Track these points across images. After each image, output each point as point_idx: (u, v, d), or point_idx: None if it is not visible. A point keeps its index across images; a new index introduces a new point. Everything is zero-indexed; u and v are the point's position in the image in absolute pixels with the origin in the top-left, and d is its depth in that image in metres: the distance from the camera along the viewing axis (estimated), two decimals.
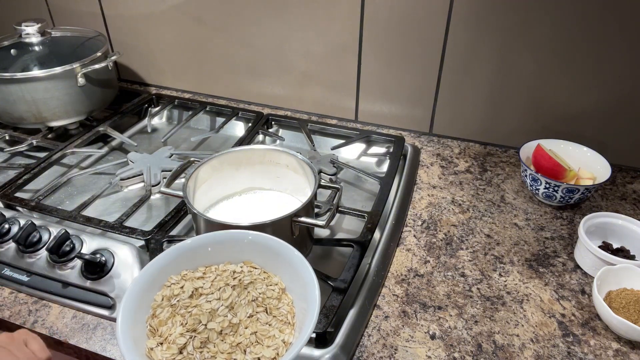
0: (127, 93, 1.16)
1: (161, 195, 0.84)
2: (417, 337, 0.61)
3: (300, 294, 0.47)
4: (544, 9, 0.82)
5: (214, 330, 0.42)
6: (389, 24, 0.92)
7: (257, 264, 0.49)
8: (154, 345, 0.42)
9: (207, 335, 0.42)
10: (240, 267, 0.49)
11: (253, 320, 0.44)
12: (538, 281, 0.69)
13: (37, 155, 0.93)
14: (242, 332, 0.43)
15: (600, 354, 0.60)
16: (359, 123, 1.07)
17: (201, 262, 0.48)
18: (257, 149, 0.72)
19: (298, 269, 0.47)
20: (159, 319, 0.43)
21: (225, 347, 0.42)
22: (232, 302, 0.45)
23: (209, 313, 0.44)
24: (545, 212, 0.82)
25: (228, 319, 0.43)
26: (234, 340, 0.42)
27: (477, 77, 0.93)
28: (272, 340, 0.43)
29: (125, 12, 1.11)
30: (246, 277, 0.47)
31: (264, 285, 0.47)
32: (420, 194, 0.86)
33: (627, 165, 0.93)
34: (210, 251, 0.49)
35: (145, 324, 0.44)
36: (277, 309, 0.46)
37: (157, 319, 0.44)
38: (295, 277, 0.47)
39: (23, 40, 0.98)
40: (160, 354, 0.41)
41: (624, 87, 0.85)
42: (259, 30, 1.03)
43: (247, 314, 0.44)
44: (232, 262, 0.49)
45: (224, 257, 0.49)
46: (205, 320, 0.43)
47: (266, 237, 0.50)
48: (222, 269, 0.48)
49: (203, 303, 0.44)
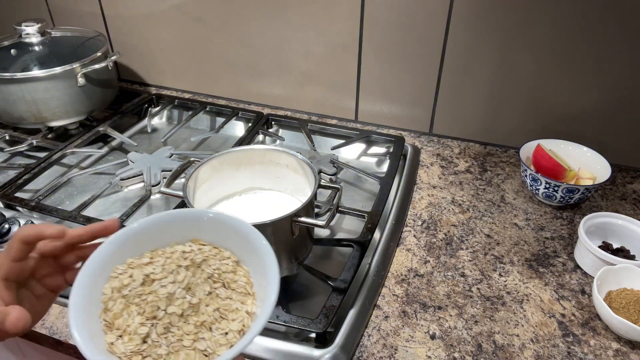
0: (127, 93, 1.16)
1: (161, 195, 0.84)
2: (417, 337, 0.61)
3: (255, 263, 0.46)
4: (544, 9, 0.82)
5: (175, 313, 0.41)
6: (389, 24, 0.92)
7: (205, 240, 0.48)
8: (113, 340, 0.40)
9: (168, 320, 0.41)
10: (189, 246, 0.47)
11: (213, 297, 0.44)
12: (538, 281, 0.69)
13: (37, 155, 0.93)
14: (204, 310, 0.42)
15: (600, 354, 0.60)
16: (359, 123, 1.07)
17: (146, 248, 0.46)
18: (257, 149, 0.72)
19: (249, 239, 0.46)
20: (113, 312, 0.42)
21: (190, 328, 0.41)
22: (188, 282, 0.43)
23: (166, 298, 0.42)
24: (545, 212, 0.82)
25: (187, 300, 0.42)
26: (197, 320, 0.42)
27: (477, 77, 0.93)
28: (235, 313, 0.43)
29: (125, 12, 1.11)
30: (197, 255, 0.46)
31: (217, 260, 0.46)
32: (420, 194, 0.86)
33: (627, 165, 0.93)
34: (154, 235, 0.47)
35: (99, 319, 0.42)
36: (235, 282, 0.45)
37: (110, 312, 0.42)
38: (247, 248, 0.46)
39: (23, 40, 0.98)
40: (123, 346, 0.40)
41: (624, 87, 0.85)
42: (259, 30, 1.03)
43: (206, 292, 0.43)
44: (179, 243, 0.48)
45: (169, 238, 0.47)
46: (163, 306, 0.42)
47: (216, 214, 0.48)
48: (170, 252, 0.46)
49: (158, 288, 0.43)
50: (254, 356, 0.59)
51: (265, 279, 0.43)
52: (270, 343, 0.60)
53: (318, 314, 0.59)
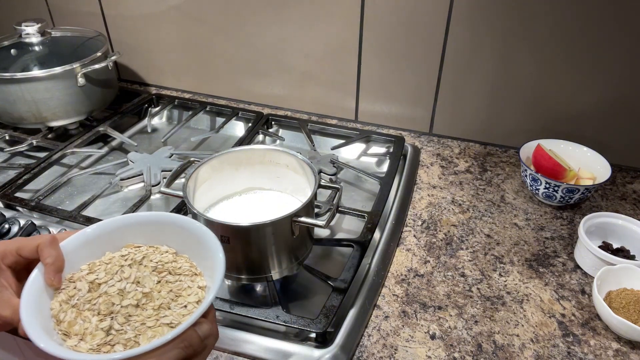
0: (127, 93, 1.16)
1: (161, 195, 0.84)
2: (417, 337, 0.61)
3: (194, 249, 0.47)
4: (544, 9, 0.82)
5: (131, 305, 0.42)
6: (389, 24, 0.92)
7: (139, 243, 0.49)
8: (75, 343, 0.40)
9: (126, 311, 0.42)
10: (125, 250, 0.48)
11: (163, 283, 0.45)
12: (538, 281, 0.69)
13: (37, 155, 0.93)
14: (157, 296, 0.43)
15: (600, 354, 0.60)
16: (359, 123, 1.07)
17: (81, 262, 0.46)
18: (257, 149, 0.72)
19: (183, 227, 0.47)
20: (67, 321, 0.41)
21: (150, 312, 0.42)
22: (135, 277, 0.44)
23: (117, 294, 0.43)
24: (545, 212, 0.82)
25: (140, 291, 0.43)
26: (154, 304, 0.42)
27: (477, 77, 0.93)
28: (189, 290, 0.44)
29: (125, 12, 1.11)
30: (136, 255, 0.47)
31: (157, 255, 0.47)
32: (420, 194, 0.86)
33: (627, 165, 0.93)
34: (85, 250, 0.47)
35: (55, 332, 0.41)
36: (179, 268, 0.46)
37: (64, 322, 0.41)
38: (182, 236, 0.48)
39: (23, 40, 0.98)
40: (87, 345, 0.40)
41: (624, 87, 0.85)
42: (259, 30, 1.03)
43: (154, 281, 0.44)
44: (112, 251, 0.48)
45: (100, 250, 0.48)
46: (118, 301, 0.42)
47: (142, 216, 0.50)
48: (107, 259, 0.47)
49: (107, 289, 0.43)
50: (254, 356, 0.59)
51: (208, 259, 0.45)
52: (270, 343, 0.60)
53: (318, 314, 0.59)
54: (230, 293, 0.69)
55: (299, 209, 0.60)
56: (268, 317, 0.59)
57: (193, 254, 0.48)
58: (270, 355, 0.59)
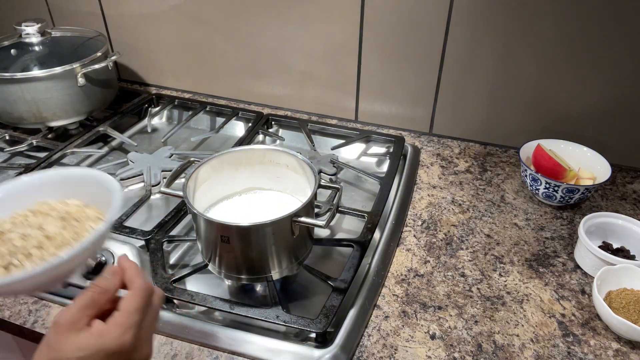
0: (127, 93, 1.16)
1: (161, 195, 0.84)
2: (417, 337, 0.61)
3: (103, 198, 0.48)
4: (544, 10, 0.82)
5: (34, 246, 0.43)
6: (389, 24, 0.92)
7: (50, 200, 0.49)
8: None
9: (28, 252, 0.42)
10: (36, 206, 0.48)
11: (67, 228, 0.45)
12: (538, 281, 0.69)
13: (37, 155, 0.93)
14: (60, 237, 0.44)
15: (600, 354, 0.60)
16: (359, 123, 1.07)
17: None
18: (257, 149, 0.72)
19: (92, 179, 0.49)
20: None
21: (52, 250, 0.43)
22: (40, 224, 0.45)
23: (20, 237, 0.43)
24: (545, 212, 0.82)
25: (43, 235, 0.44)
26: (56, 243, 0.43)
27: (477, 77, 0.93)
28: (91, 230, 0.45)
29: (125, 12, 1.11)
30: (44, 207, 0.48)
31: (64, 207, 0.48)
32: (420, 194, 0.86)
33: (627, 165, 0.93)
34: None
35: None
36: (86, 216, 0.47)
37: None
38: (92, 190, 0.49)
39: (23, 40, 0.98)
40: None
41: (624, 87, 0.85)
42: (259, 30, 1.03)
43: (59, 227, 0.45)
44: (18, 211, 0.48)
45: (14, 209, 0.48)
46: (19, 243, 0.43)
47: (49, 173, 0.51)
48: (15, 215, 0.47)
49: (10, 236, 0.44)
50: (254, 356, 0.59)
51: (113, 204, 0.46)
52: (270, 343, 0.60)
53: (318, 314, 0.59)
54: (230, 293, 0.69)
55: (299, 209, 0.60)
56: (268, 317, 0.59)
57: (101, 204, 0.49)
58: (270, 355, 0.59)
